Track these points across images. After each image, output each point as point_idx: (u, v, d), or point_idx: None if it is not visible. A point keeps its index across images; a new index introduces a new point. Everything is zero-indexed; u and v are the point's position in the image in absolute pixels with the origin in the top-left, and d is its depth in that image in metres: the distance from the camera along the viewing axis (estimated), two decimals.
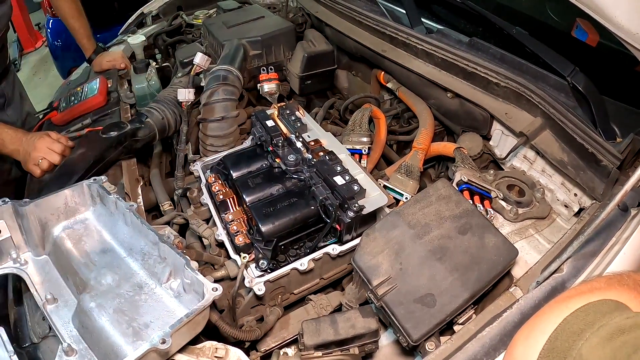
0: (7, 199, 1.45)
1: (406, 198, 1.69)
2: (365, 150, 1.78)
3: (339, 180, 1.45)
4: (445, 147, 1.80)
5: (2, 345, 1.23)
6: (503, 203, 1.61)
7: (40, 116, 2.37)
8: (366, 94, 2.10)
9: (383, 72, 2.11)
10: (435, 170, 2.06)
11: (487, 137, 1.86)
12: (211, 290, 1.16)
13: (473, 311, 1.38)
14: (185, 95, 1.66)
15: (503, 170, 1.80)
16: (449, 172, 1.96)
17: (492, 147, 1.86)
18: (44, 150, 1.88)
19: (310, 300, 1.52)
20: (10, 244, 1.49)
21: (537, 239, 1.57)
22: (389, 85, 2.07)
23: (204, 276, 1.22)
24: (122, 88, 2.37)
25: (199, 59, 1.69)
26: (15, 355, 1.21)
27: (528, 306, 1.23)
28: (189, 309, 1.24)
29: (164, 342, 1.07)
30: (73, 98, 2.27)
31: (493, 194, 1.61)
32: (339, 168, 1.50)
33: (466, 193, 1.59)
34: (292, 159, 1.56)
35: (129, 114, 2.20)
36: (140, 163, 1.99)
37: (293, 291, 1.52)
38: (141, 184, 1.81)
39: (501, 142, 1.83)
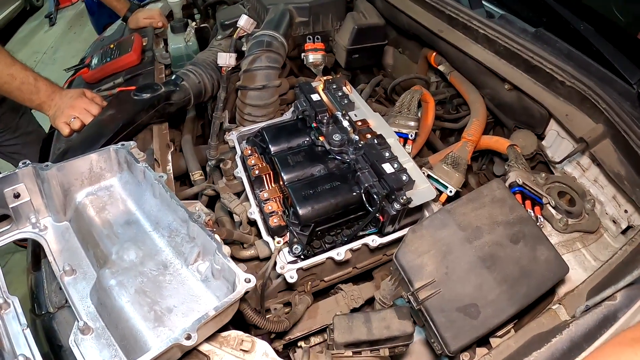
0: (27, 161, 1.37)
1: (450, 191, 1.58)
2: (412, 136, 1.66)
3: (387, 168, 1.34)
4: (497, 142, 1.68)
5: (16, 317, 1.18)
6: (553, 211, 1.51)
7: (72, 72, 2.27)
8: (416, 75, 1.97)
9: (435, 53, 1.98)
10: (478, 162, 1.95)
11: (540, 137, 1.73)
12: (244, 282, 1.07)
13: (512, 325, 1.29)
14: (226, 59, 1.54)
15: (553, 174, 1.68)
16: (494, 167, 1.86)
17: (545, 147, 1.73)
18: (79, 110, 1.78)
19: (341, 290, 1.45)
20: (30, 208, 1.42)
21: (583, 254, 1.48)
22: (441, 67, 1.93)
23: (233, 257, 1.15)
24: (158, 47, 2.26)
25: (244, 21, 1.56)
26: (28, 329, 1.16)
27: (579, 334, 1.13)
28: (216, 296, 1.18)
29: (189, 337, 0.98)
30: (106, 55, 2.17)
31: (545, 200, 1.50)
32: (387, 154, 1.39)
33: (518, 196, 1.48)
34: (337, 139, 1.44)
35: (164, 75, 2.09)
36: (171, 128, 1.89)
37: (323, 278, 1.43)
38: (172, 150, 1.70)
39: (555, 143, 1.70)
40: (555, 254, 1.29)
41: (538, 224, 1.43)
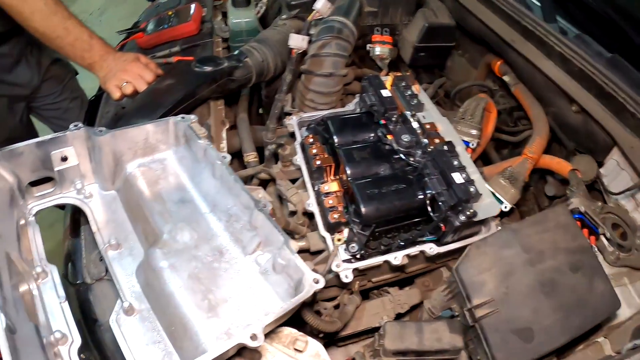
0: (80, 124, 1.32)
1: (505, 206, 1.55)
2: (473, 144, 1.63)
3: (457, 177, 1.31)
4: (559, 165, 1.64)
5: (54, 288, 1.15)
6: (606, 242, 1.48)
7: (124, 35, 2.22)
8: (482, 83, 1.92)
9: (500, 62, 1.93)
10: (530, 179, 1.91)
11: (599, 164, 1.70)
12: (312, 282, 1.04)
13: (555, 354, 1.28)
14: (299, 41, 1.49)
15: (607, 204, 1.65)
16: (546, 186, 1.83)
17: (602, 175, 1.70)
18: (133, 74, 1.71)
19: (389, 293, 1.42)
20: (76, 173, 1.37)
21: (629, 290, 1.45)
22: (505, 78, 1.89)
23: None
24: (216, 19, 2.19)
25: (321, 4, 1.50)
26: (66, 302, 1.13)
27: None
28: (275, 292, 1.15)
29: (254, 338, 0.95)
30: (163, 22, 2.10)
31: (601, 231, 1.48)
32: (456, 163, 1.36)
33: (578, 223, 1.45)
34: (406, 140, 1.40)
35: (220, 49, 2.04)
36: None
37: (371, 279, 1.42)
38: (227, 127, 1.66)
39: (613, 173, 1.67)
40: (610, 288, 1.29)
41: None
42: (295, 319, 1.16)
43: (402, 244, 1.34)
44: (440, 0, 2.04)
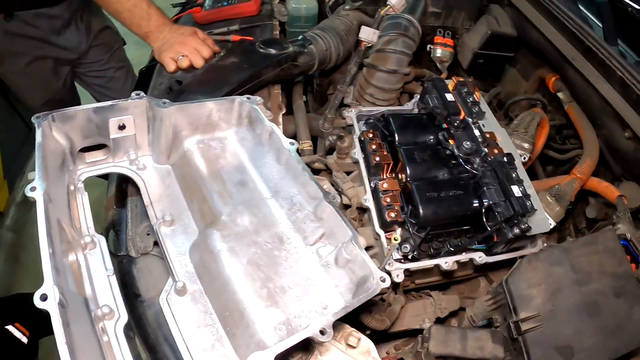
0: (143, 94, 1.28)
1: (550, 223, 1.57)
2: (524, 158, 1.64)
3: (515, 190, 1.33)
4: (607, 189, 1.66)
5: (102, 260, 1.12)
6: None
7: (180, 9, 2.20)
8: (540, 97, 1.92)
9: (555, 78, 1.93)
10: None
11: None
12: (379, 281, 1.01)
13: None
14: (370, 35, 1.49)
15: None
16: (587, 208, 1.84)
17: None
18: (189, 48, 1.70)
19: (430, 296, 1.45)
20: (132, 143, 1.33)
21: None
22: (559, 95, 1.89)
23: None
24: (275, 2, 2.18)
25: (397, 0, 1.50)
26: (114, 276, 1.10)
27: None
28: (335, 285, 1.12)
29: (324, 332, 0.92)
30: None
31: None
32: (514, 175, 1.37)
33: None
34: (467, 146, 1.42)
35: (277, 32, 2.03)
36: None
37: (415, 280, 1.44)
38: (283, 112, 1.66)
39: None
40: None
41: None
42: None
43: (452, 249, 1.36)
44: (502, 9, 2.03)
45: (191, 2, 2.18)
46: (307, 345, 1.05)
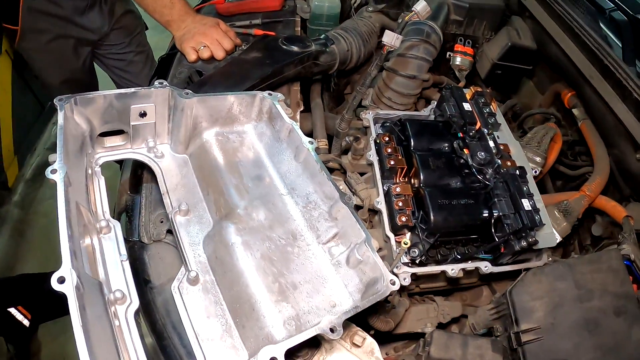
0: (165, 82, 1.29)
1: (556, 238, 1.59)
2: (535, 172, 1.66)
3: (525, 204, 1.35)
4: (614, 209, 1.67)
5: (116, 245, 1.14)
6: None
7: None
8: (554, 112, 1.94)
9: (571, 94, 1.94)
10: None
11: None
12: (389, 284, 1.04)
13: None
14: (393, 39, 1.50)
15: None
16: (593, 225, 1.85)
17: None
18: (211, 39, 1.72)
19: (433, 301, 1.47)
20: (151, 131, 1.35)
21: None
22: (574, 111, 1.90)
23: None
24: None
25: (421, 7, 1.51)
26: (127, 262, 1.11)
27: None
28: (344, 284, 1.15)
29: (333, 330, 0.95)
30: None
31: None
32: (525, 189, 1.40)
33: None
34: (481, 156, 1.44)
35: (299, 29, 2.04)
36: None
37: (420, 285, 1.46)
38: (301, 109, 1.67)
39: None
40: None
41: None
42: None
43: (459, 257, 1.39)
44: (524, 21, 2.04)
45: None
46: (314, 341, 1.07)
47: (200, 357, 1.00)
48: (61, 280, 0.87)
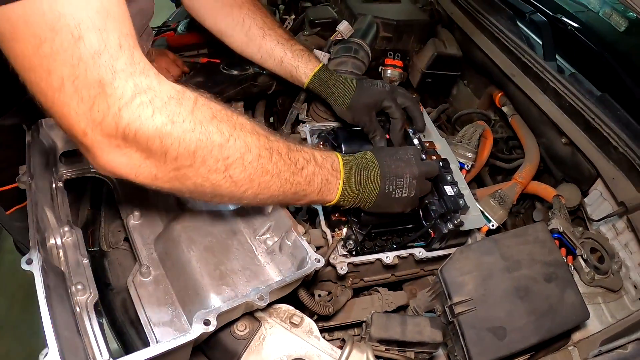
0: None
1: (492, 225, 1.70)
2: (467, 166, 1.78)
3: (448, 190, 1.46)
4: (545, 190, 1.79)
5: (77, 247, 1.29)
6: (583, 263, 1.61)
7: (155, 32, 2.36)
8: (481, 111, 2.09)
9: (501, 94, 2.09)
10: (518, 205, 2.05)
11: (584, 193, 1.84)
12: (314, 260, 1.18)
13: (528, 356, 1.41)
14: (321, 57, 1.66)
15: (589, 230, 1.79)
16: (534, 212, 1.96)
17: (586, 204, 1.84)
18: (159, 68, 1.85)
19: (378, 292, 1.56)
20: None
21: (602, 309, 1.60)
22: (504, 109, 2.05)
23: None
24: None
25: (344, 27, 1.68)
26: (88, 261, 1.26)
27: None
28: (279, 269, 1.28)
29: (262, 298, 1.09)
30: (193, 25, 2.20)
31: (578, 252, 1.61)
32: (449, 178, 1.51)
33: (556, 242, 1.59)
34: None
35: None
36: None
37: (364, 278, 1.55)
38: None
39: (596, 202, 1.81)
40: (581, 299, 1.41)
41: None
42: (292, 301, 1.31)
43: (395, 246, 1.49)
44: (450, 32, 2.21)
45: (165, 27, 2.37)
46: (253, 322, 1.20)
47: (153, 340, 1.12)
48: (29, 262, 1.01)
